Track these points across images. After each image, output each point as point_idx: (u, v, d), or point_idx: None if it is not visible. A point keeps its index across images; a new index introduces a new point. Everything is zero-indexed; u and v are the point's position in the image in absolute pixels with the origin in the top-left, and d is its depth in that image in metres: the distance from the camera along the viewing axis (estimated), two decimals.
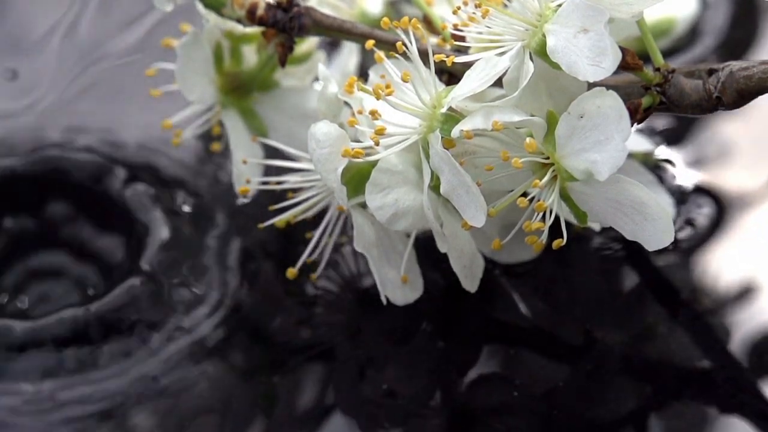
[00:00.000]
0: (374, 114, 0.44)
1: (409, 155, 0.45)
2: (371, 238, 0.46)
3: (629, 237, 0.42)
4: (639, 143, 0.52)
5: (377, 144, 0.44)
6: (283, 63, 0.48)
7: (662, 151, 0.53)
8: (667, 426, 0.46)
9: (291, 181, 0.48)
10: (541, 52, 0.42)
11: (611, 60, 0.40)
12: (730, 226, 0.51)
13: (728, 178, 0.52)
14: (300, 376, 0.48)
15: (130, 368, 0.48)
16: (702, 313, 0.48)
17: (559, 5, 0.42)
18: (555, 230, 0.43)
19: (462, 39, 0.45)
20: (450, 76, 0.46)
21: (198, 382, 0.47)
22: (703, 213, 0.51)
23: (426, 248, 0.46)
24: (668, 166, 0.52)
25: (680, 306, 0.49)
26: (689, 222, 0.51)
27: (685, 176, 0.52)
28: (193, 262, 0.51)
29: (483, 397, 0.47)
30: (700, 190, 0.52)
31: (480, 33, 0.43)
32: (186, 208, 0.52)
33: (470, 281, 0.46)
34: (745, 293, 0.49)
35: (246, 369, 0.48)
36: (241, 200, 0.49)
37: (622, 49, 0.41)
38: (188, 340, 0.49)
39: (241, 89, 0.50)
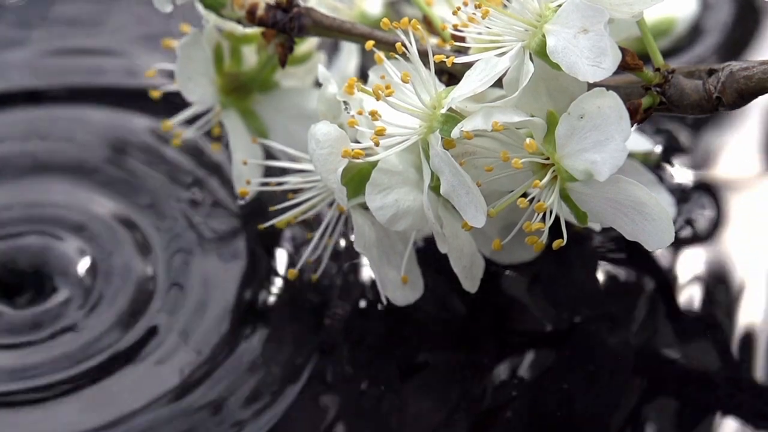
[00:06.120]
0: (374, 115, 0.44)
1: (409, 156, 0.44)
2: (371, 238, 0.46)
3: (629, 237, 0.42)
4: (639, 143, 0.52)
5: (377, 145, 0.44)
6: (283, 63, 0.48)
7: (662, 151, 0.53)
8: (667, 426, 0.46)
9: (291, 182, 0.48)
10: (541, 52, 0.42)
11: (611, 60, 0.40)
12: (730, 226, 0.51)
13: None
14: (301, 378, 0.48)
15: None
16: (702, 313, 0.48)
17: (559, 5, 0.42)
18: (555, 230, 0.43)
19: (462, 39, 0.45)
20: (450, 76, 0.46)
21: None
22: (704, 212, 0.51)
23: (427, 251, 0.46)
24: (668, 166, 0.52)
25: (680, 306, 0.49)
26: (690, 222, 0.51)
27: (685, 176, 0.52)
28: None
29: (487, 400, 0.47)
30: (701, 190, 0.52)
31: (480, 33, 0.43)
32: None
33: (470, 282, 0.46)
34: (744, 292, 0.49)
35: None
36: (241, 201, 0.49)
37: (622, 50, 0.41)
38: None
39: (241, 90, 0.50)
